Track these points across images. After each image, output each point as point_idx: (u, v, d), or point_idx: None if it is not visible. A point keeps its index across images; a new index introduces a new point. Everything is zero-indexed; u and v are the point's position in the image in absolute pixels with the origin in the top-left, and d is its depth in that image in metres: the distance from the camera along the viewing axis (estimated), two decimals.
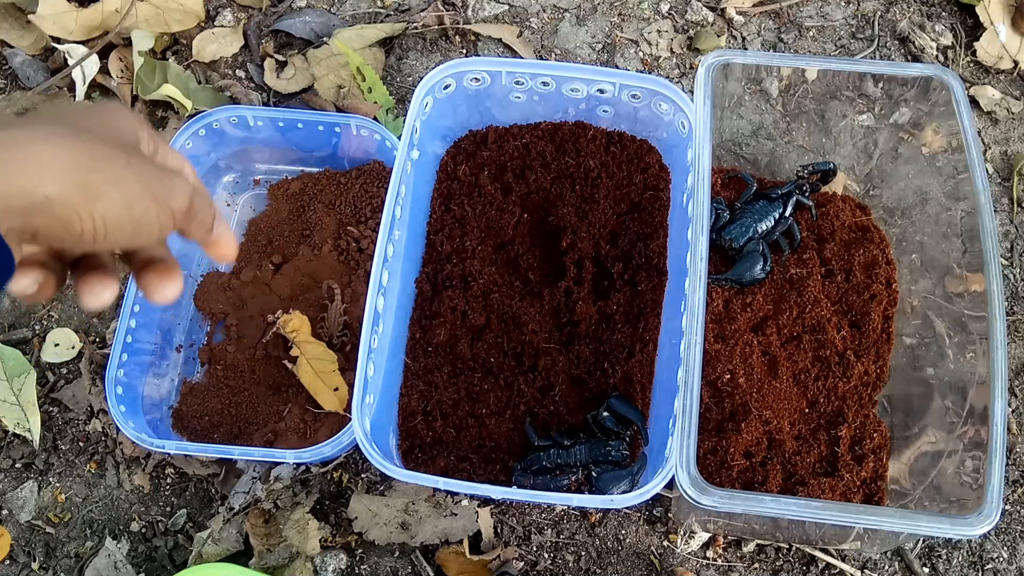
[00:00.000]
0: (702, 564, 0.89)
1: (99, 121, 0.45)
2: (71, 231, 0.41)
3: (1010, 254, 1.03)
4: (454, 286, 0.92)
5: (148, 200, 0.43)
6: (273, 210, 1.03)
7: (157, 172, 0.44)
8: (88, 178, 0.40)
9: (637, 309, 0.90)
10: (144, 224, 0.43)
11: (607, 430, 0.84)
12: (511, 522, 0.90)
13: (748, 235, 0.91)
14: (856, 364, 0.88)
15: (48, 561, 0.91)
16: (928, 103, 0.87)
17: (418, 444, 0.87)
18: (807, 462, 0.84)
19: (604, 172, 0.95)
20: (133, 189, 0.42)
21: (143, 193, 0.43)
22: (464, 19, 1.16)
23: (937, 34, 1.13)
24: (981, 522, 0.66)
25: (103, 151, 0.42)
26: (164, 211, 0.44)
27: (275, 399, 0.93)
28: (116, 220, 0.42)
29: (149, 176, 0.43)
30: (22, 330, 1.01)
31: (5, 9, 1.12)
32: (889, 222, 0.96)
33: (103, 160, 0.41)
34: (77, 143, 0.41)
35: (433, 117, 0.92)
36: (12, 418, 0.94)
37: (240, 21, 1.16)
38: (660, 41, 1.14)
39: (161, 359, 0.95)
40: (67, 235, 0.41)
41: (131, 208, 0.42)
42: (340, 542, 0.90)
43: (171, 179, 0.45)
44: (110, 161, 0.41)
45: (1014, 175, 1.06)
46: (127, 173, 0.42)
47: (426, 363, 0.90)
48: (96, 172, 0.41)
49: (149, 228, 0.44)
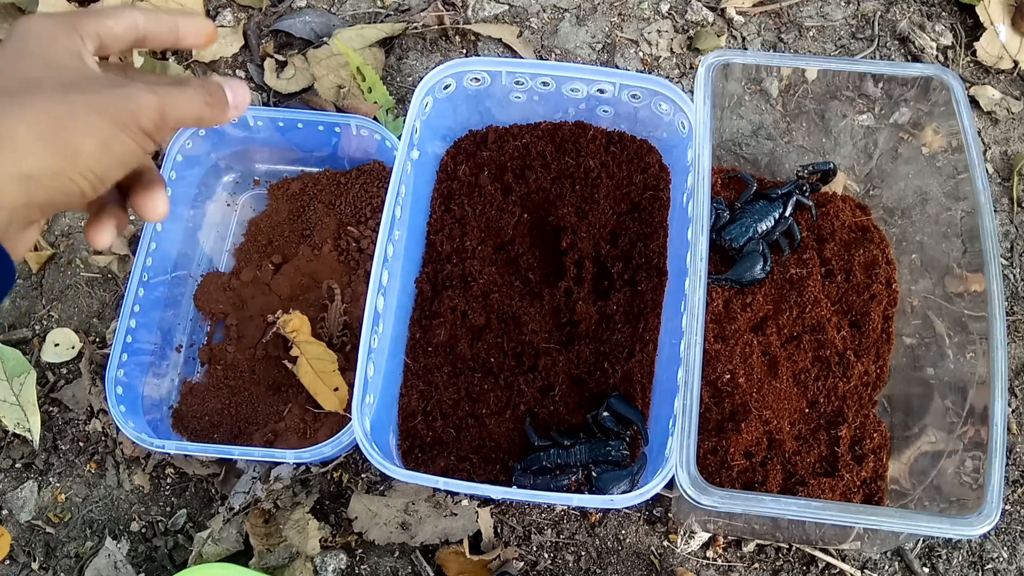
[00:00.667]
0: (702, 564, 0.89)
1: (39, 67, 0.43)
2: (71, 193, 0.41)
3: (1010, 254, 1.03)
4: (454, 286, 0.92)
5: (120, 133, 0.42)
6: (273, 210, 1.03)
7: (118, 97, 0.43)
8: (57, 141, 0.40)
9: (637, 309, 0.90)
10: (126, 154, 0.43)
11: (607, 430, 0.84)
12: (511, 522, 0.90)
13: (748, 235, 0.92)
14: (856, 364, 0.88)
15: (48, 561, 0.91)
16: (928, 103, 0.87)
17: (418, 444, 0.87)
18: (807, 462, 0.84)
19: (604, 172, 0.95)
20: (105, 129, 0.42)
21: (115, 128, 0.42)
22: (464, 19, 1.16)
23: (937, 34, 1.13)
24: (981, 522, 0.66)
25: (59, 106, 0.41)
26: (138, 135, 0.43)
27: (275, 399, 0.93)
28: (101, 166, 0.42)
29: (113, 106, 0.42)
30: (22, 330, 1.01)
31: (5, 9, 1.12)
32: (889, 222, 0.96)
33: (64, 116, 0.40)
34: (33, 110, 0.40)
35: (433, 117, 0.92)
36: (12, 418, 0.94)
37: (240, 21, 1.16)
38: (660, 41, 1.14)
39: (161, 359, 0.95)
40: (68, 198, 0.42)
41: (109, 148, 0.42)
42: (340, 542, 0.90)
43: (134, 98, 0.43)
44: (71, 114, 0.41)
45: (1014, 175, 1.06)
46: (91, 117, 0.41)
47: (426, 363, 0.90)
48: (62, 131, 0.40)
49: (132, 155, 0.44)
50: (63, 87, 0.42)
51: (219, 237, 1.03)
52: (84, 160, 0.41)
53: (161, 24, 0.49)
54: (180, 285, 0.99)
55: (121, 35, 0.48)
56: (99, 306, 1.02)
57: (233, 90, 0.49)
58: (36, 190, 0.40)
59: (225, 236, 1.03)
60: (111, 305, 1.02)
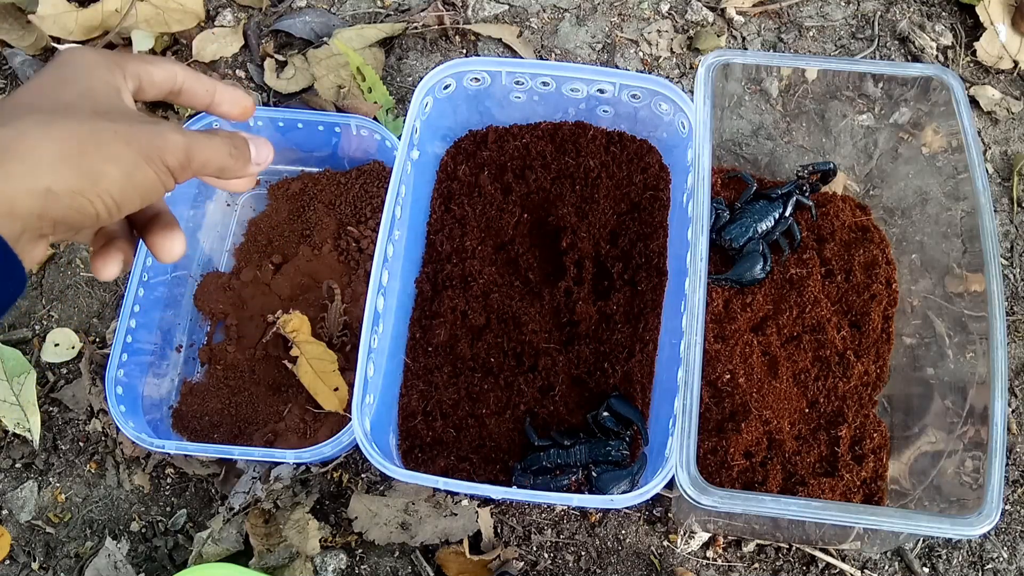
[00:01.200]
0: (702, 564, 0.89)
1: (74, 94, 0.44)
2: (86, 214, 0.42)
3: (1010, 254, 1.03)
4: (454, 286, 0.92)
5: (144, 166, 0.43)
6: (273, 210, 1.03)
7: (148, 132, 0.44)
8: (81, 163, 0.41)
9: (637, 309, 0.90)
10: (147, 187, 0.44)
11: (607, 430, 0.84)
12: (511, 522, 0.90)
13: (748, 235, 0.92)
14: (856, 364, 0.88)
15: (48, 561, 0.91)
16: (928, 103, 0.87)
17: (418, 444, 0.87)
18: (807, 462, 0.84)
19: (604, 172, 0.95)
20: (128, 159, 0.43)
21: (139, 160, 0.43)
22: (464, 19, 1.16)
23: (937, 34, 1.13)
24: (981, 522, 0.66)
25: (89, 130, 0.42)
26: (162, 171, 0.45)
27: (275, 399, 0.93)
28: (121, 193, 0.43)
29: (141, 140, 0.43)
30: (22, 330, 1.01)
31: (5, 9, 1.12)
32: (889, 222, 0.96)
33: (89, 141, 0.41)
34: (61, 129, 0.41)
35: (433, 117, 0.92)
36: (12, 418, 0.94)
37: (240, 21, 1.16)
38: (660, 41, 1.14)
39: (161, 359, 0.95)
40: (83, 218, 0.42)
41: (131, 177, 0.43)
42: (340, 542, 0.90)
43: (162, 136, 0.45)
44: (97, 139, 0.42)
45: (1014, 175, 1.06)
46: (118, 146, 0.42)
47: (426, 363, 0.90)
48: (87, 155, 0.41)
49: (153, 189, 0.45)
50: (95, 114, 0.43)
51: (219, 237, 1.03)
52: (105, 184, 0.42)
53: (200, 84, 0.51)
54: (180, 285, 0.99)
55: (159, 83, 0.50)
56: (99, 306, 1.02)
57: (258, 147, 0.51)
58: (53, 205, 0.40)
59: (225, 236, 1.03)
60: (111, 305, 1.02)
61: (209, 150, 0.47)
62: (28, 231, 0.40)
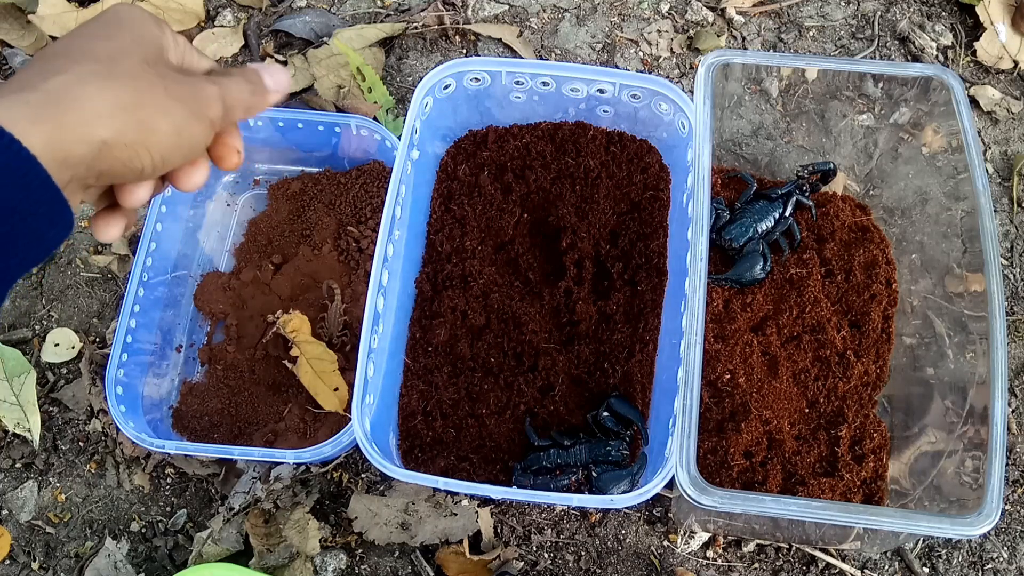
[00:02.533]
0: (702, 564, 0.89)
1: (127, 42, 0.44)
2: (132, 167, 0.42)
3: (1010, 254, 1.03)
4: (454, 286, 0.92)
5: (192, 122, 0.44)
6: (273, 210, 1.03)
7: (192, 88, 0.45)
8: (137, 115, 0.41)
9: (637, 309, 0.90)
10: (193, 143, 0.45)
11: (607, 430, 0.84)
12: (511, 522, 0.90)
13: (748, 235, 0.92)
14: (856, 364, 0.88)
15: (48, 561, 0.91)
16: (928, 103, 0.87)
17: (418, 444, 0.87)
18: (807, 462, 0.84)
19: (604, 172, 0.95)
20: (179, 115, 0.43)
21: (188, 116, 0.44)
22: (464, 19, 1.16)
23: (937, 34, 1.13)
24: (981, 522, 0.66)
25: (143, 82, 0.42)
26: (206, 126, 0.45)
27: (275, 399, 0.93)
28: (170, 148, 0.43)
29: (188, 96, 0.44)
30: (22, 330, 1.01)
31: (5, 9, 1.12)
32: (889, 222, 0.96)
33: (146, 93, 0.42)
34: (117, 80, 0.41)
35: (433, 117, 0.92)
36: (12, 418, 0.94)
37: (240, 21, 1.16)
38: (660, 41, 1.14)
39: (161, 359, 0.95)
40: (129, 171, 0.42)
41: (180, 134, 0.44)
42: (340, 542, 0.90)
43: (204, 90, 0.45)
44: (152, 92, 0.42)
45: (1014, 175, 1.06)
46: (169, 101, 0.43)
47: (426, 363, 0.90)
48: (142, 107, 0.42)
49: (197, 145, 0.46)
50: (148, 66, 0.43)
51: (219, 237, 1.03)
52: (157, 138, 0.42)
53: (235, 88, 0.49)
54: (180, 285, 0.99)
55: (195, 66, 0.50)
56: (99, 306, 1.02)
57: (271, 74, 0.51)
58: (106, 156, 0.41)
59: (225, 236, 1.03)
60: (111, 305, 1.02)
61: (236, 92, 0.48)
62: (76, 180, 0.41)
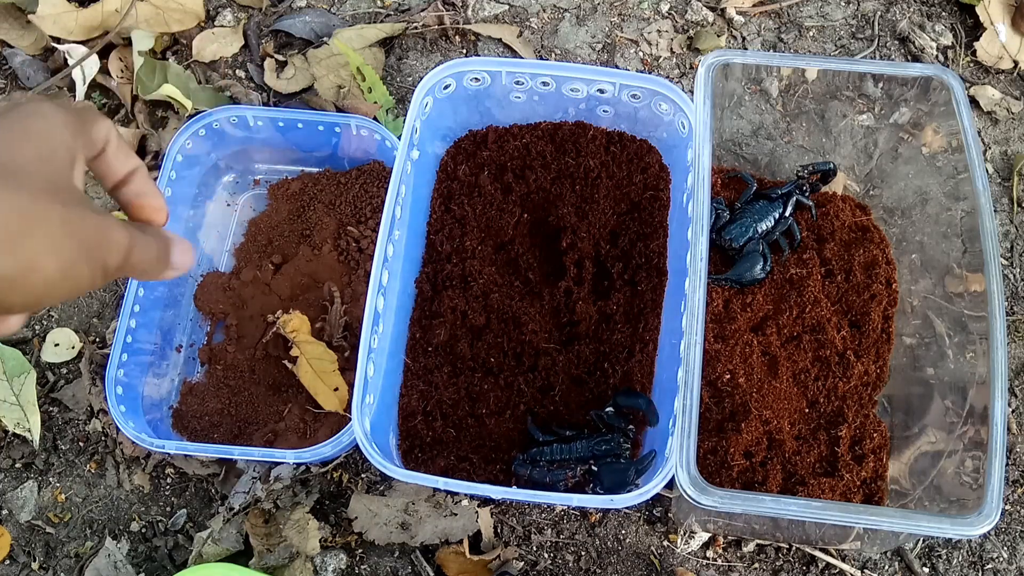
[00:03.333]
0: (702, 564, 0.89)
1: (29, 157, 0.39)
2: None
3: (1010, 254, 1.03)
4: (454, 286, 0.92)
5: (82, 265, 0.38)
6: (273, 210, 1.03)
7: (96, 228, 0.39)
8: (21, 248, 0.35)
9: (637, 309, 0.90)
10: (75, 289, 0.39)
11: (609, 426, 0.84)
12: (511, 522, 0.90)
13: (748, 235, 0.92)
14: (856, 364, 0.88)
15: (48, 561, 0.91)
16: (928, 103, 0.87)
17: (418, 444, 0.87)
18: (807, 462, 0.84)
19: (604, 172, 0.95)
20: (70, 255, 0.37)
21: (80, 258, 0.38)
22: (464, 19, 1.16)
23: (937, 34, 1.13)
24: (981, 522, 0.66)
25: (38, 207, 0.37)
26: (98, 274, 0.39)
27: (275, 399, 0.93)
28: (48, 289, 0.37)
29: (87, 235, 0.38)
30: (22, 330, 1.01)
31: (5, 9, 1.12)
32: (889, 222, 0.96)
33: (38, 223, 0.36)
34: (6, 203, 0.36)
35: (433, 117, 0.92)
36: (12, 418, 0.94)
37: (240, 21, 1.16)
38: (660, 41, 1.14)
39: (161, 359, 0.95)
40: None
41: (65, 274, 0.37)
42: (340, 542, 0.90)
43: (110, 234, 0.40)
44: (46, 223, 0.36)
45: (1014, 175, 1.06)
46: (63, 237, 0.37)
47: (426, 363, 0.90)
48: (31, 238, 0.36)
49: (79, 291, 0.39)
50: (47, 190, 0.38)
51: (219, 237, 1.03)
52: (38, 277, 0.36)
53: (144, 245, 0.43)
54: (180, 285, 0.99)
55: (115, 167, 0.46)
56: (99, 306, 1.02)
57: (181, 252, 0.47)
58: None
59: (225, 236, 1.03)
60: (111, 305, 1.02)
61: (143, 252, 0.43)
62: None
